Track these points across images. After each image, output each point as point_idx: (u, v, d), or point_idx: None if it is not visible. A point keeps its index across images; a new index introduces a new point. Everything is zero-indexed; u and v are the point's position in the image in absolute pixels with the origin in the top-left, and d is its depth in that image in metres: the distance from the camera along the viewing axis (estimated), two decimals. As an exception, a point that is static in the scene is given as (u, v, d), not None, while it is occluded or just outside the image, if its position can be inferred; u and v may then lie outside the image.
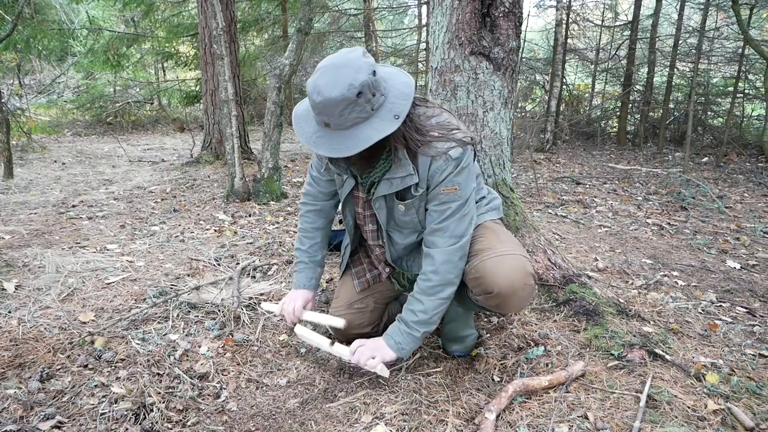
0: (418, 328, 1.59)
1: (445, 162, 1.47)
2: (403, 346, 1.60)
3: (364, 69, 1.30)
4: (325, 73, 1.31)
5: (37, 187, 4.75)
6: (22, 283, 2.35)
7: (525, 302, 1.57)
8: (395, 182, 1.51)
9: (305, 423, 1.51)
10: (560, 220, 3.80)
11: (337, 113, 1.30)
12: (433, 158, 1.47)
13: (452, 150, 1.46)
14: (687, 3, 7.49)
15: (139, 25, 9.27)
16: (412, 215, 1.60)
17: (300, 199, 1.88)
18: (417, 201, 1.55)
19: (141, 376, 1.64)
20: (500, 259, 1.51)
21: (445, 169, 1.48)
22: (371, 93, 1.31)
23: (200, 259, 2.72)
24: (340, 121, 1.32)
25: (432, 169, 1.48)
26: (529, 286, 1.52)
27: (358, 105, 1.29)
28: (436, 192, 1.52)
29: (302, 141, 1.40)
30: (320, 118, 1.34)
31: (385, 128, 1.33)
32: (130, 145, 7.81)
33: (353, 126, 1.33)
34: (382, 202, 1.59)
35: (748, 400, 1.51)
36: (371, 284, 1.86)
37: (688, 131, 5.93)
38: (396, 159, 1.48)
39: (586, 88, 10.26)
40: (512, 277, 1.49)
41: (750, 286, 2.51)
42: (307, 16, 4.13)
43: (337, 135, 1.34)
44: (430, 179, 1.51)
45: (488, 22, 2.12)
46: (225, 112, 4.13)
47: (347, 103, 1.28)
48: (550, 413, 1.46)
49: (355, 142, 1.32)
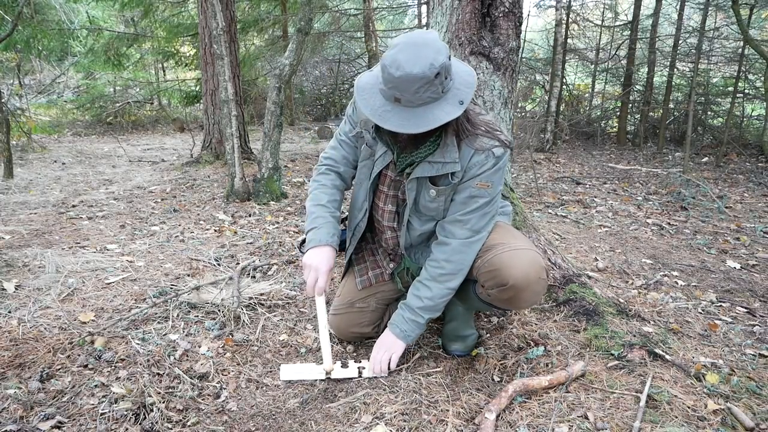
0: (422, 314, 1.62)
1: (487, 158, 1.51)
2: (408, 333, 1.64)
3: (443, 51, 1.32)
4: (406, 49, 1.31)
5: (37, 187, 4.75)
6: (22, 283, 2.35)
7: (537, 297, 1.59)
8: (436, 166, 1.52)
9: (305, 423, 1.51)
10: (560, 220, 3.80)
11: (413, 90, 1.30)
12: (476, 151, 1.50)
13: (496, 148, 1.51)
14: (687, 3, 7.49)
15: (139, 25, 9.27)
16: (439, 202, 1.60)
17: (319, 162, 1.82)
18: (449, 189, 1.57)
19: (141, 376, 1.64)
20: (515, 252, 1.54)
21: (484, 164, 1.51)
22: (445, 76, 1.33)
23: (200, 259, 2.72)
24: (413, 99, 1.32)
25: (472, 161, 1.52)
26: (543, 281, 1.55)
27: (433, 85, 1.31)
28: (468, 184, 1.54)
29: (367, 113, 1.37)
30: (393, 92, 1.33)
31: (452, 112, 1.35)
32: (130, 145, 7.81)
33: (423, 105, 1.34)
34: (414, 184, 1.59)
35: (748, 400, 1.51)
36: (373, 283, 1.86)
37: (688, 131, 5.93)
38: (444, 144, 1.50)
39: (586, 88, 10.26)
40: (527, 269, 1.51)
41: (750, 286, 2.51)
42: (307, 16, 4.13)
43: (405, 111, 1.34)
44: (467, 171, 1.53)
45: (488, 22, 2.12)
46: (225, 112, 4.13)
47: (425, 82, 1.29)
48: (550, 413, 1.46)
49: (425, 120, 1.33)
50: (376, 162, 1.65)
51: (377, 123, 1.38)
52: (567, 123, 8.36)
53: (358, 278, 1.87)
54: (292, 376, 1.73)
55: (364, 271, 1.88)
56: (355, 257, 1.92)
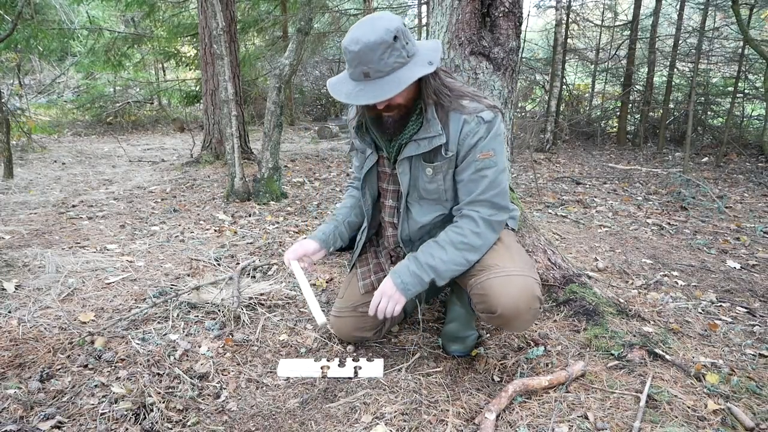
0: (429, 272, 1.53)
1: (477, 125, 1.48)
2: (409, 287, 1.55)
3: (396, 19, 1.36)
4: (359, 26, 1.36)
5: (37, 187, 4.75)
6: (22, 283, 2.35)
7: (528, 324, 1.56)
8: (422, 143, 1.51)
9: (305, 423, 1.51)
10: (560, 220, 3.80)
11: (377, 58, 1.32)
12: (465, 121, 1.48)
13: (484, 112, 1.49)
14: (687, 3, 7.49)
15: (140, 26, 9.27)
16: (438, 181, 1.57)
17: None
18: (446, 165, 1.54)
19: (141, 376, 1.64)
20: (508, 279, 1.49)
21: (477, 132, 1.48)
22: (405, 42, 1.36)
23: (200, 259, 2.72)
24: (380, 66, 1.34)
25: (464, 132, 1.49)
26: (534, 310, 1.51)
27: (395, 49, 1.33)
28: (470, 159, 1.51)
29: (343, 99, 1.40)
30: (359, 69, 1.35)
31: (421, 71, 1.36)
32: (130, 145, 7.81)
33: (392, 71, 1.35)
34: (406, 166, 1.57)
35: (748, 400, 1.51)
36: (375, 287, 1.84)
37: (688, 131, 5.93)
38: (425, 120, 1.49)
39: (586, 88, 10.26)
40: (517, 299, 1.47)
41: (750, 286, 2.51)
42: (307, 17, 4.13)
43: (377, 83, 1.36)
44: (461, 143, 1.50)
45: (488, 22, 2.12)
46: (225, 112, 4.13)
47: (386, 47, 1.32)
48: (550, 413, 1.46)
49: (397, 83, 1.34)
50: (365, 162, 1.68)
51: (352, 103, 1.41)
52: (567, 123, 8.36)
53: (361, 282, 1.86)
54: (290, 372, 1.73)
55: (366, 275, 1.87)
56: (359, 259, 1.92)
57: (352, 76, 1.40)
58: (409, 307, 2.00)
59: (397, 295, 1.56)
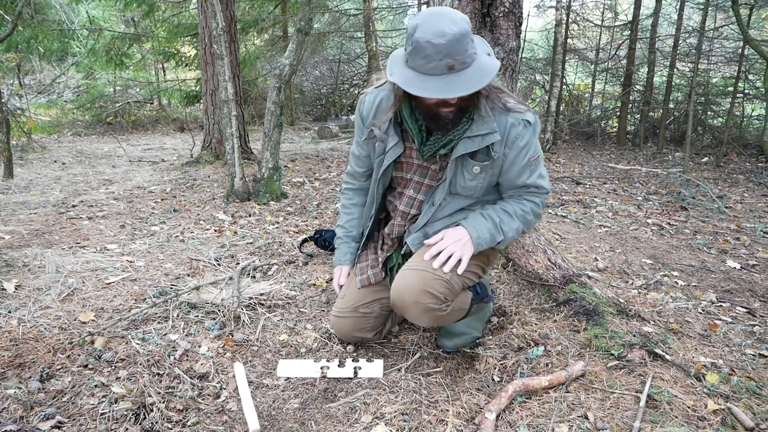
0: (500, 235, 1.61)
1: (525, 128, 1.53)
2: (482, 242, 1.60)
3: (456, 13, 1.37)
4: (434, 21, 1.33)
5: (37, 187, 4.75)
6: (22, 283, 2.35)
7: (421, 319, 1.61)
8: (476, 140, 1.52)
9: (305, 423, 1.51)
10: (560, 220, 3.80)
11: (463, 49, 1.32)
12: (512, 124, 1.52)
13: (527, 115, 1.54)
14: (687, 3, 7.49)
15: (140, 26, 9.27)
16: (480, 180, 1.59)
17: (344, 180, 1.99)
18: (490, 165, 1.57)
19: (141, 376, 1.64)
20: (404, 273, 1.60)
21: (524, 136, 1.54)
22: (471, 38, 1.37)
23: (200, 259, 2.72)
24: (465, 58, 1.33)
25: (512, 135, 1.53)
26: (422, 305, 1.55)
27: (471, 40, 1.36)
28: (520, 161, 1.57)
29: (433, 95, 1.36)
30: (444, 62, 1.32)
31: (491, 61, 1.40)
32: (130, 145, 7.81)
33: (473, 62, 1.36)
34: (454, 164, 1.58)
35: (748, 400, 1.51)
36: (372, 282, 1.84)
37: (688, 131, 5.93)
38: (479, 117, 1.50)
39: (586, 88, 10.25)
40: (403, 291, 1.56)
41: (750, 286, 2.51)
42: (307, 16, 4.13)
43: (462, 74, 1.34)
44: (509, 145, 1.54)
45: (488, 22, 2.12)
46: (225, 112, 4.13)
47: (469, 38, 1.34)
48: (550, 413, 1.46)
49: (483, 73, 1.35)
50: (387, 154, 1.65)
51: (446, 98, 1.38)
52: (567, 123, 8.36)
53: (359, 276, 1.86)
54: (289, 372, 1.73)
55: (364, 270, 1.87)
56: (358, 256, 1.92)
57: (432, 71, 1.34)
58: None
59: (469, 244, 1.58)
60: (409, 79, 1.38)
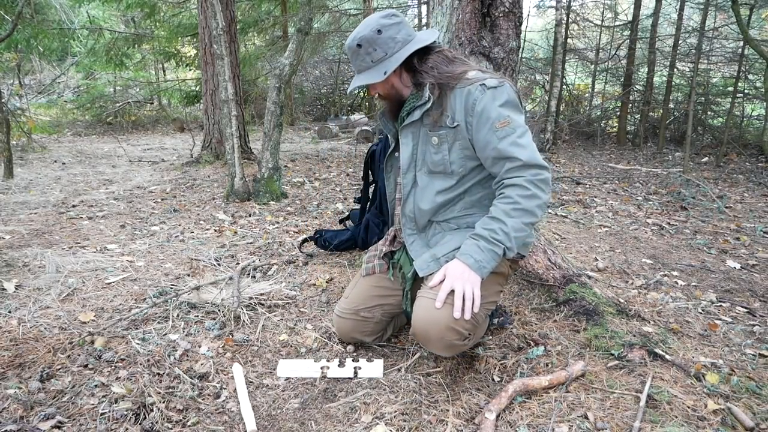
0: (500, 243, 1.46)
1: (481, 92, 1.50)
2: (484, 264, 1.46)
3: (371, 26, 1.56)
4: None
5: (37, 187, 4.75)
6: (22, 283, 2.35)
7: (444, 351, 1.58)
8: (415, 113, 1.62)
9: (305, 423, 1.51)
10: (560, 220, 3.80)
11: (352, 59, 1.64)
12: (468, 92, 1.51)
13: (487, 80, 1.52)
14: (687, 3, 7.49)
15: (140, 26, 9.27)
16: (444, 152, 1.59)
17: None
18: (451, 135, 1.58)
19: (141, 376, 1.64)
20: (430, 304, 1.50)
21: (481, 99, 1.50)
22: (372, 48, 1.57)
23: (200, 259, 2.72)
24: (355, 65, 1.64)
25: (469, 101, 1.52)
26: (447, 341, 1.51)
27: (359, 55, 1.59)
28: (487, 129, 1.49)
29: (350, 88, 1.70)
30: (354, 64, 1.65)
31: (371, 79, 1.59)
32: (130, 145, 7.81)
33: (362, 72, 1.62)
34: (408, 137, 1.65)
35: (748, 400, 1.51)
36: (377, 272, 1.85)
37: (688, 131, 5.93)
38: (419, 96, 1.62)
39: (586, 88, 10.25)
40: (429, 326, 1.51)
41: (750, 286, 2.51)
42: (307, 17, 4.13)
43: (357, 77, 1.65)
44: (470, 112, 1.52)
45: (488, 22, 2.12)
46: (225, 112, 4.13)
47: (352, 52, 1.61)
48: (550, 413, 1.46)
49: (357, 83, 1.64)
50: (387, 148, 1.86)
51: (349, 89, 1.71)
52: (567, 123, 8.36)
53: (365, 265, 1.88)
54: (289, 372, 1.73)
55: (371, 259, 1.89)
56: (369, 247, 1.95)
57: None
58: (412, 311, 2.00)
59: (473, 275, 1.46)
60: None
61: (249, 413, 1.51)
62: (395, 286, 1.83)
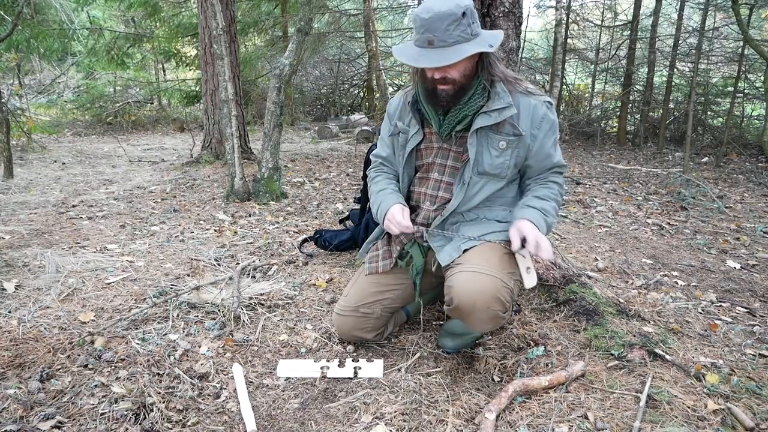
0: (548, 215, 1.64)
1: (548, 110, 1.61)
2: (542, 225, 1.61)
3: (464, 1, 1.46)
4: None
5: (37, 187, 4.75)
6: (22, 283, 2.35)
7: (486, 324, 1.60)
8: (493, 115, 1.57)
9: (305, 423, 1.51)
10: (560, 220, 3.80)
11: (443, 28, 1.43)
12: (536, 106, 1.59)
13: (546, 98, 1.62)
14: (687, 3, 7.48)
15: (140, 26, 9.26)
16: (506, 157, 1.63)
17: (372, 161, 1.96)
18: (516, 142, 1.61)
19: (141, 376, 1.64)
20: (473, 275, 1.55)
21: (548, 116, 1.62)
22: (471, 21, 1.47)
23: (200, 259, 2.72)
24: (445, 37, 1.44)
25: (538, 115, 1.60)
26: (492, 311, 1.54)
27: (461, 24, 1.44)
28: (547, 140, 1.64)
29: (404, 61, 1.51)
30: (426, 36, 1.45)
31: (481, 48, 1.47)
32: (130, 145, 7.81)
33: (455, 43, 1.45)
34: (475, 138, 1.61)
35: (748, 400, 1.51)
36: (380, 271, 1.83)
37: (688, 131, 5.93)
38: (494, 93, 1.58)
39: (586, 88, 10.25)
40: (476, 296, 1.52)
41: (750, 286, 2.51)
42: (307, 17, 4.13)
43: (438, 51, 1.45)
44: (538, 125, 1.61)
45: (488, 22, 2.12)
46: (225, 112, 4.13)
47: (453, 19, 1.43)
48: (550, 413, 1.46)
49: (458, 53, 1.44)
50: (409, 141, 1.73)
51: (413, 65, 1.50)
52: (567, 123, 8.36)
53: (367, 265, 1.86)
54: (289, 372, 1.73)
55: (375, 259, 1.87)
56: (372, 246, 1.92)
57: (417, 43, 1.49)
58: (412, 309, 2.00)
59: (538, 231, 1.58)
60: (402, 46, 1.54)
61: (249, 413, 1.51)
62: (394, 281, 1.83)
